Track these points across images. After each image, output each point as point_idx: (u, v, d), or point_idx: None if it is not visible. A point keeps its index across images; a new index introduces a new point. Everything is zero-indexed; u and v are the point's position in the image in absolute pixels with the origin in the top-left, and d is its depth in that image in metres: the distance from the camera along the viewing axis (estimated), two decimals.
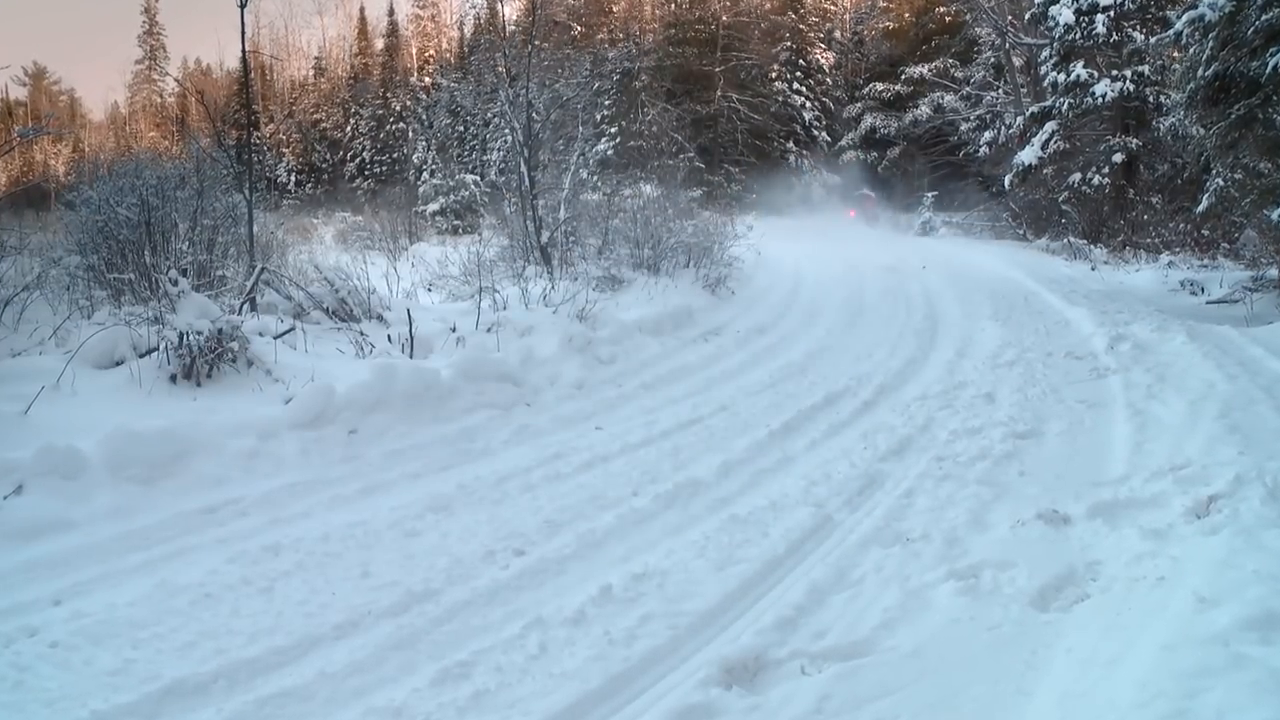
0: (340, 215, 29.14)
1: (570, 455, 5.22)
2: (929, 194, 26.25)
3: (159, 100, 55.56)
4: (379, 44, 48.11)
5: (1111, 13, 17.49)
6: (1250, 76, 8.96)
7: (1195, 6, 9.81)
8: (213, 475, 4.56)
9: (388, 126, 40.64)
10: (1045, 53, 19.85)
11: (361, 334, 7.11)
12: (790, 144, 32.92)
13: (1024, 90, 23.57)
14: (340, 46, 53.62)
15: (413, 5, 49.34)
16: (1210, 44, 9.34)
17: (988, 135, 24.30)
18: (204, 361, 5.67)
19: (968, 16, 27.55)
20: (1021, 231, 20.70)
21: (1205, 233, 14.75)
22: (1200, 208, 11.32)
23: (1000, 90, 25.90)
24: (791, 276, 13.98)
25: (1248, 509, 3.62)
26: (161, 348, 5.68)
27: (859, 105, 33.81)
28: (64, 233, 8.99)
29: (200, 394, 5.55)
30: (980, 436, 5.41)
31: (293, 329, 6.85)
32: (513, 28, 23.41)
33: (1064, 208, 18.92)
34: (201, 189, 8.19)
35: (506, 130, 13.08)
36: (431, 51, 47.66)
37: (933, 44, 32.03)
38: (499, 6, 22.21)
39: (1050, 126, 18.33)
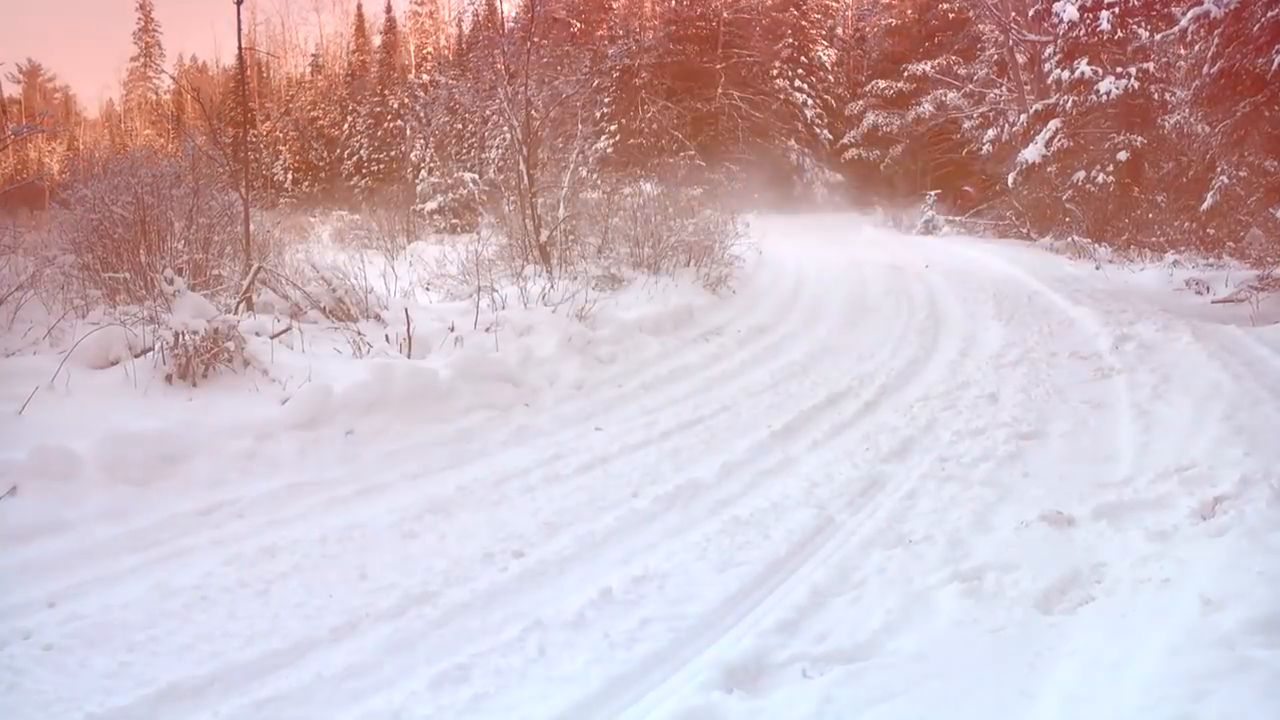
0: (337, 213, 29.02)
1: (569, 456, 5.19)
2: (932, 192, 26.18)
3: (154, 98, 55.38)
4: (376, 41, 47.93)
5: (1116, 9, 17.42)
6: (1256, 73, 8.92)
7: (1201, 3, 9.77)
8: (209, 476, 4.53)
9: (385, 124, 40.50)
10: (1049, 49, 19.78)
11: (359, 334, 7.07)
12: (792, 142, 32.81)
13: (1027, 87, 23.48)
14: (337, 43, 53.50)
15: (410, 2, 49.30)
16: (1216, 40, 9.30)
17: (991, 133, 24.18)
18: (200, 361, 5.64)
19: (971, 13, 27.46)
20: (1025, 230, 20.61)
21: (1211, 231, 14.65)
22: (1205, 206, 11.27)
23: (1003, 87, 25.80)
24: (793, 275, 13.94)
25: (1254, 510, 3.60)
26: (157, 347, 5.64)
27: (861, 103, 33.70)
28: (58, 231, 8.95)
29: (196, 394, 5.51)
30: (983, 437, 5.38)
31: (289, 329, 6.81)
32: (511, 24, 23.43)
33: (1068, 206, 18.83)
34: (197, 187, 8.16)
35: (505, 128, 13.05)
36: (429, 48, 47.56)
37: (935, 41, 31.92)
38: (497, 3, 22.26)
39: (1054, 124, 18.27)
